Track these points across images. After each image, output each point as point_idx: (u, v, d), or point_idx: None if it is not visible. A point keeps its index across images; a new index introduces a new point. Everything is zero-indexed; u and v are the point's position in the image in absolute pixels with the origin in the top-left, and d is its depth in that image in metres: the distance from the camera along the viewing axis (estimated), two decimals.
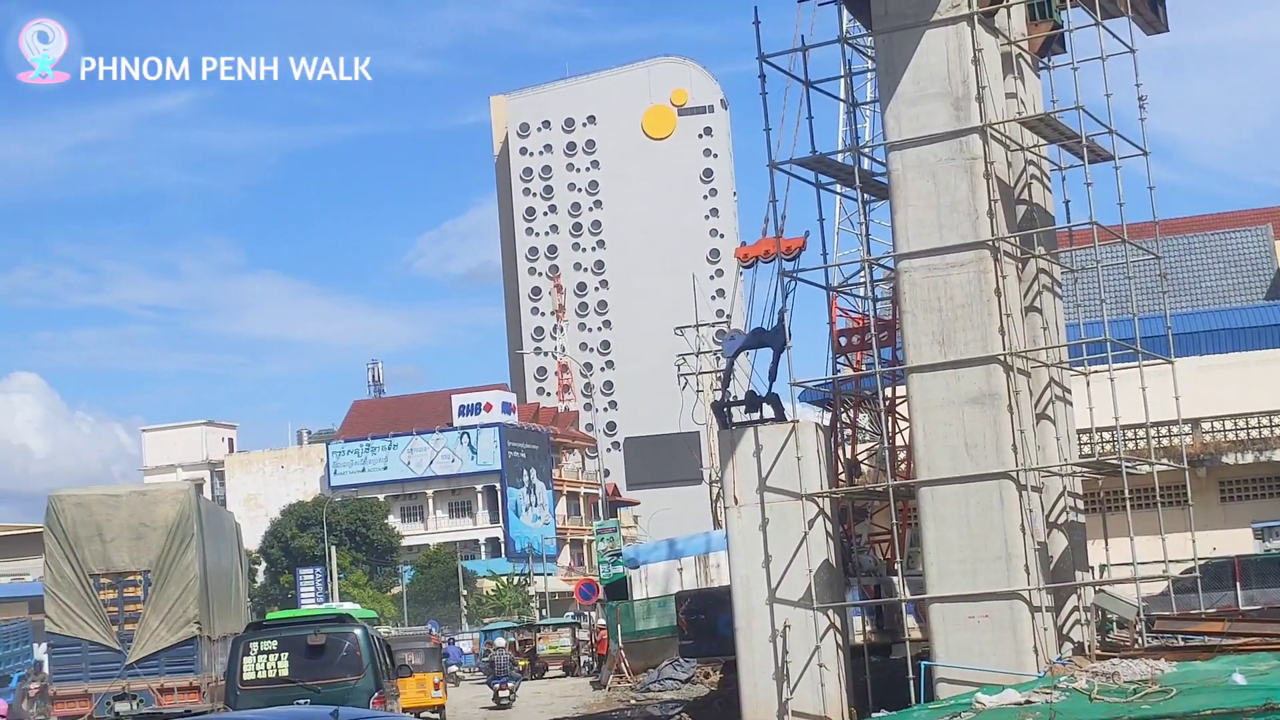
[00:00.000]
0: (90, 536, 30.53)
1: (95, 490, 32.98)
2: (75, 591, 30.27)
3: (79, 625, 30.21)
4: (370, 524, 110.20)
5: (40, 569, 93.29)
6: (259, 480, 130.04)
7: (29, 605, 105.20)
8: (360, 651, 23.04)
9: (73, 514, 30.72)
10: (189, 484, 37.58)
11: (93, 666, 29.87)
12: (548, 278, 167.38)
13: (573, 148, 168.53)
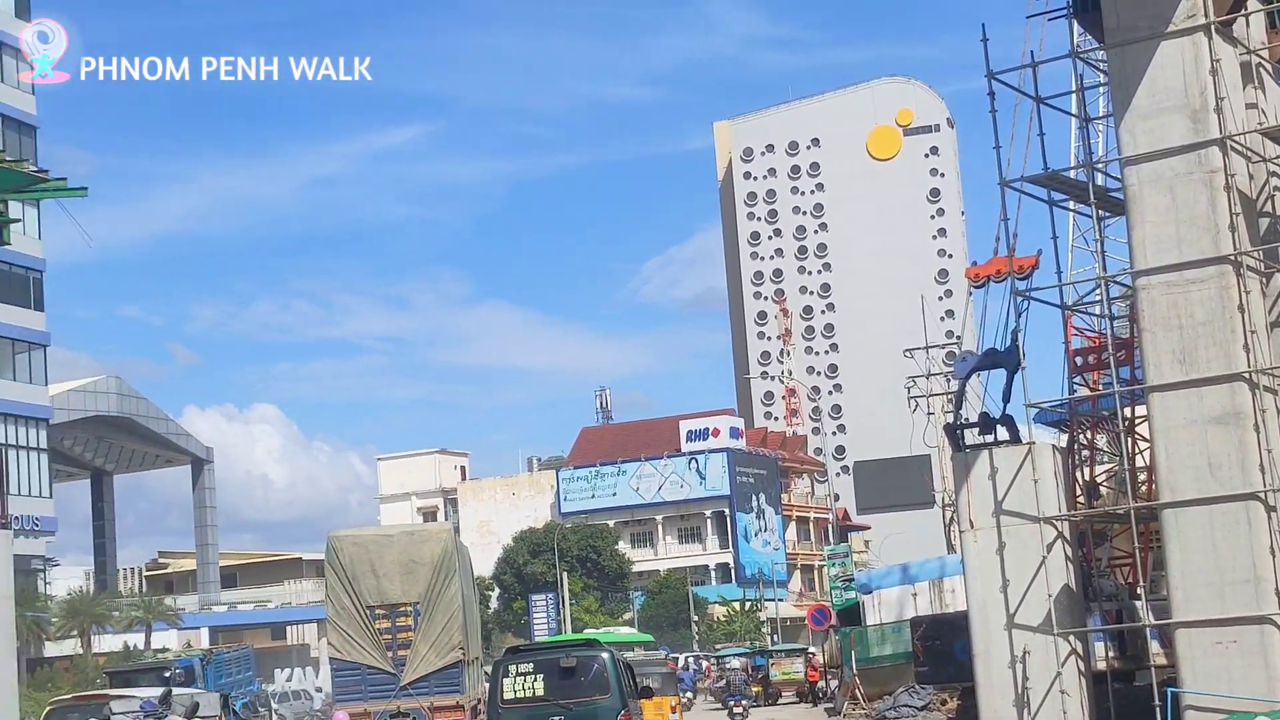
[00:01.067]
0: (366, 572, 33.58)
1: (369, 531, 37.47)
2: (354, 621, 33.28)
3: (358, 651, 33.18)
4: (601, 550, 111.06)
5: (283, 595, 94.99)
6: (491, 507, 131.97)
7: (271, 631, 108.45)
8: (607, 673, 24.66)
9: (350, 552, 33.77)
10: (449, 525, 43.36)
11: (371, 688, 32.82)
12: (773, 301, 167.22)
13: (797, 171, 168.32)
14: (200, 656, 51.26)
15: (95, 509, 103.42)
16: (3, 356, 74.09)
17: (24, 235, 65.63)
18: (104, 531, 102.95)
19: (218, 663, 50.77)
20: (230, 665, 51.96)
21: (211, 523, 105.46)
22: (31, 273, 75.23)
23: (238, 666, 52.71)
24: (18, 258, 70.30)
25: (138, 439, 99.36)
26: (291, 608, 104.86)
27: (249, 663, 54.90)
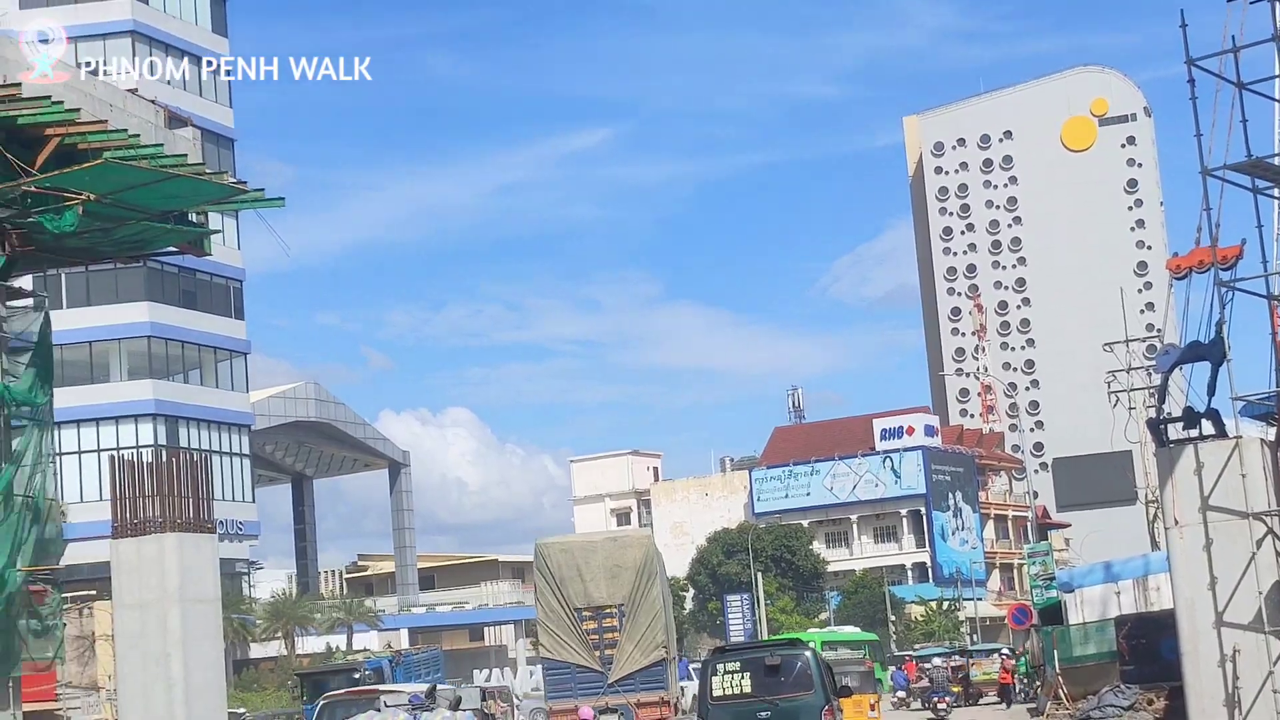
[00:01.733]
0: (573, 577, 35.77)
1: (575, 538, 40.22)
2: (563, 623, 35.52)
3: (567, 651, 35.45)
4: (795, 550, 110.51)
5: (480, 597, 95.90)
6: (684, 508, 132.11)
7: (469, 633, 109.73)
8: (810, 671, 25.80)
9: (558, 558, 36.08)
10: (649, 530, 44.58)
11: (580, 685, 34.99)
12: (967, 297, 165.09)
13: (989, 164, 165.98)
14: (389, 658, 51.48)
15: (296, 513, 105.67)
16: (206, 365, 75.96)
17: (224, 246, 67.25)
18: (305, 535, 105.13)
19: (407, 664, 50.78)
20: (419, 666, 52.14)
21: (409, 525, 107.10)
22: (231, 282, 77.06)
23: (426, 667, 52.91)
24: (219, 268, 72.03)
25: (336, 443, 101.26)
26: (489, 609, 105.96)
27: (438, 664, 55.27)
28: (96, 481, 62.71)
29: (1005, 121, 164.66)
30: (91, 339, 70.14)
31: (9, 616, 27.99)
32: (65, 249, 30.34)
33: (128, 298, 71.56)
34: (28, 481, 28.81)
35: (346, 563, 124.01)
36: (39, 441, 29.44)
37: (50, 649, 30.64)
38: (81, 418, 66.19)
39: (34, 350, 30.08)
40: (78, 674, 55.76)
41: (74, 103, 28.01)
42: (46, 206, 26.37)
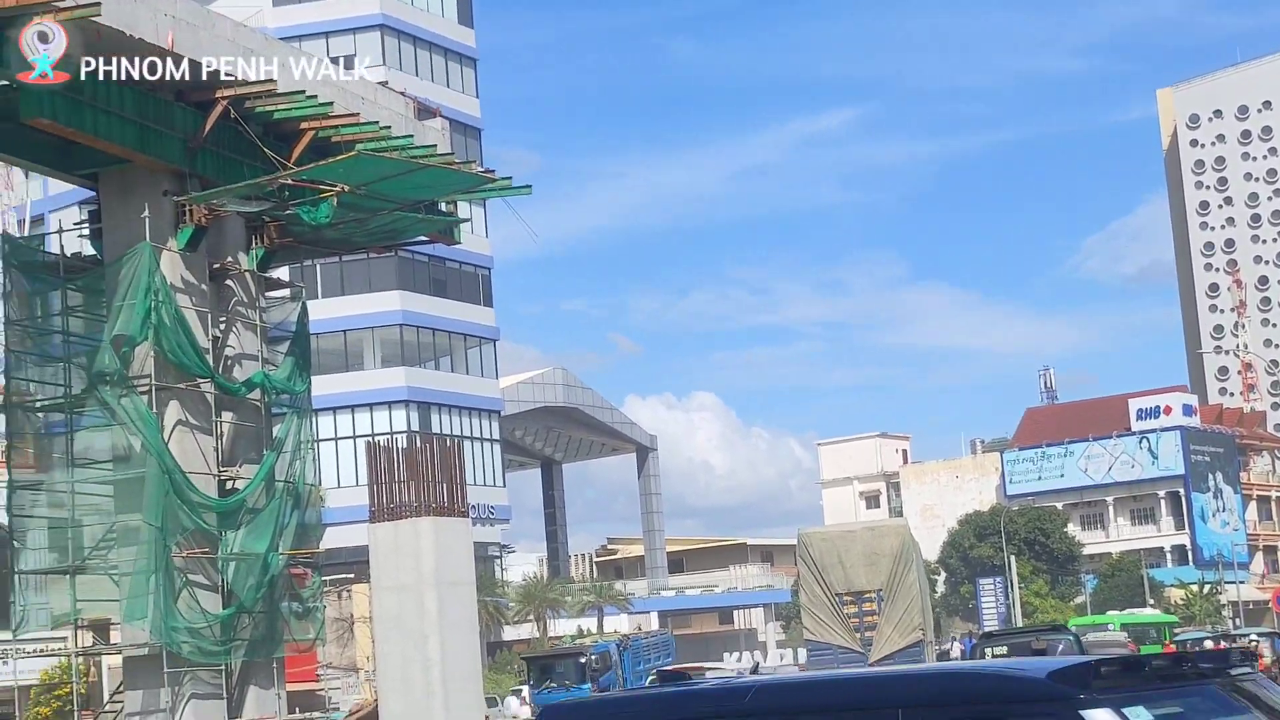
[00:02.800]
0: (834, 564, 38.14)
1: (835, 528, 44.07)
2: (825, 607, 37.89)
3: (830, 633, 37.87)
4: (1049, 532, 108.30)
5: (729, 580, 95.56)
6: (934, 491, 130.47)
7: (718, 616, 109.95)
8: (1072, 654, 26.50)
9: (819, 546, 38.67)
10: (904, 521, 48.85)
11: (842, 665, 35.59)
12: (1226, 272, 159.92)
13: (1247, 136, 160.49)
14: (616, 642, 51.39)
15: (546, 497, 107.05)
16: (457, 351, 77.33)
17: (472, 234, 68.25)
18: (555, 519, 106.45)
19: (635, 649, 50.75)
20: (648, 650, 51.99)
21: (657, 509, 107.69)
22: (480, 270, 78.30)
23: (656, 652, 52.76)
24: (468, 256, 73.22)
25: (584, 428, 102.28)
26: (738, 592, 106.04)
27: (669, 648, 54.95)
28: (353, 467, 64.31)
29: (1264, 91, 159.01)
30: (346, 328, 71.88)
31: (272, 599, 28.80)
32: (321, 240, 31.09)
33: (380, 287, 73.16)
34: (288, 467, 29.61)
35: (596, 546, 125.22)
36: (298, 428, 30.22)
37: (311, 630, 31.45)
38: (337, 405, 67.90)
39: (292, 339, 30.89)
40: (337, 655, 57.23)
41: (327, 97, 28.64)
42: (303, 199, 26.99)
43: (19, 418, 28.02)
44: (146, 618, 25.98)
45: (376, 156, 27.25)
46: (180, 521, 26.57)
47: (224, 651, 27.27)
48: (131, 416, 26.45)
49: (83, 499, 27.46)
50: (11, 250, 28.67)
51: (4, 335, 28.92)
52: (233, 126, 27.51)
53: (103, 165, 27.60)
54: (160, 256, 26.74)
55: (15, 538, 27.56)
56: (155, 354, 26.56)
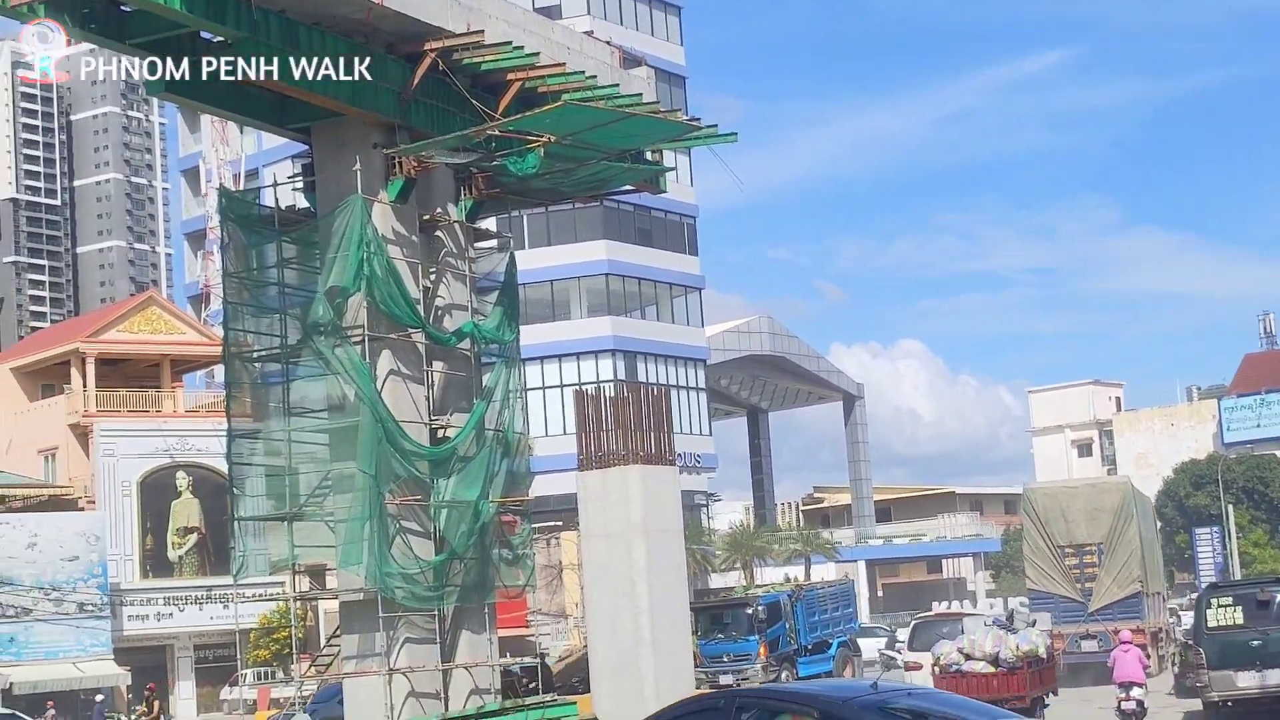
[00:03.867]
0: (1056, 518, 40.97)
1: (1058, 483, 49.24)
2: (1047, 558, 40.84)
3: (1051, 583, 40.81)
4: (1269, 481, 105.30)
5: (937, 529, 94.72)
6: (1148, 439, 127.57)
7: (926, 565, 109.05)
8: None
9: (1043, 502, 41.70)
10: (1127, 477, 51.52)
11: (1062, 614, 39.48)
12: None
13: None
14: (789, 593, 49.80)
15: (752, 445, 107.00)
16: (662, 300, 77.49)
17: (677, 183, 68.19)
18: (761, 467, 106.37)
19: (808, 599, 48.70)
20: (823, 601, 49.91)
21: (864, 458, 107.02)
22: (685, 219, 78.27)
23: (834, 602, 50.77)
24: (673, 205, 73.21)
25: (790, 377, 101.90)
26: (946, 541, 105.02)
27: (848, 597, 52.92)
28: (560, 416, 64.90)
29: None
30: (552, 278, 72.42)
31: (483, 546, 29.15)
32: (528, 191, 31.25)
33: (586, 236, 73.53)
34: (498, 416, 29.90)
35: (802, 495, 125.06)
36: (507, 378, 30.49)
37: (521, 577, 31.79)
38: (544, 354, 68.52)
39: (500, 290, 31.13)
40: (546, 601, 57.98)
41: (533, 47, 28.70)
42: (510, 150, 27.11)
43: (237, 368, 28.68)
44: (361, 563, 26.46)
45: (583, 106, 27.26)
46: (393, 469, 26.99)
47: (437, 597, 27.68)
48: (345, 366, 26.91)
49: (299, 447, 28.02)
50: (229, 204, 29.31)
51: (223, 287, 29.59)
52: (441, 78, 27.73)
53: (315, 119, 28.03)
54: (372, 208, 27.11)
55: (235, 485, 28.25)
56: (368, 305, 26.96)
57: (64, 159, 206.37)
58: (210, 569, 64.05)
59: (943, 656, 29.59)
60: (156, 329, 69.90)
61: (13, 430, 69.11)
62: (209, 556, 64.47)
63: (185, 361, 72.63)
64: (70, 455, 66.03)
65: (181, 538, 64.99)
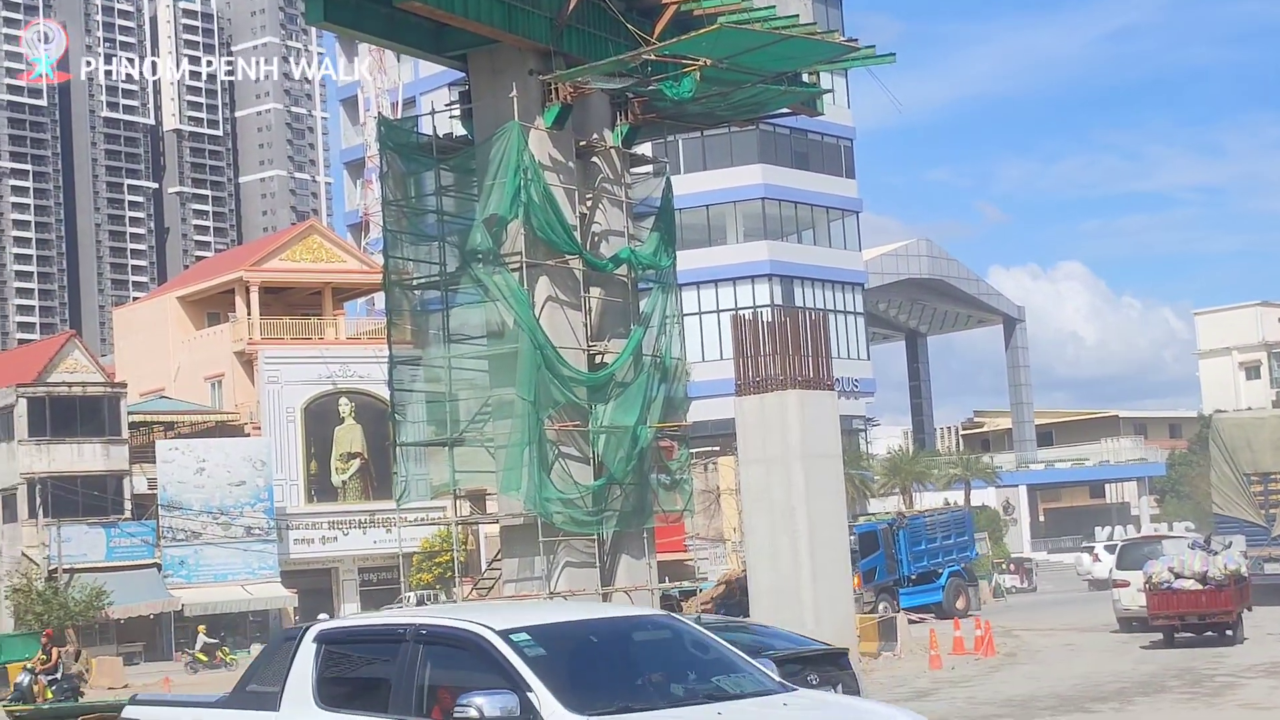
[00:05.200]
0: (1242, 446, 42.70)
1: (1246, 413, 52.83)
2: (1233, 485, 42.36)
3: (1236, 508, 42.29)
4: None
5: (1100, 454, 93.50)
6: None
7: (1089, 490, 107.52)
8: None
9: (1230, 431, 43.73)
10: None
11: (1247, 537, 40.03)
12: None
13: None
14: (890, 521, 48.40)
15: (910, 370, 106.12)
16: (819, 224, 76.92)
17: (834, 105, 67.30)
18: (919, 392, 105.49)
19: (912, 528, 47.90)
20: (934, 530, 49.00)
21: (1025, 382, 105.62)
22: (842, 141, 77.47)
23: (945, 531, 49.70)
24: (829, 127, 72.45)
25: (949, 300, 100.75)
26: (1109, 466, 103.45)
27: (962, 526, 51.68)
28: (717, 341, 64.81)
29: None
30: (708, 203, 72.15)
31: (641, 471, 29.23)
32: (684, 115, 31.05)
33: (742, 161, 73.11)
34: (655, 342, 29.89)
35: (962, 419, 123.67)
36: (664, 303, 30.44)
37: (679, 502, 31.86)
38: (701, 280, 68.37)
39: (657, 215, 31.04)
40: (704, 526, 58.13)
41: None
42: (666, 74, 26.94)
43: (397, 295, 28.96)
44: (521, 488, 26.67)
45: (739, 29, 26.96)
46: (552, 395, 27.12)
47: (596, 522, 27.83)
48: (504, 293, 27.03)
49: (458, 374, 28.27)
50: (387, 132, 29.50)
51: (382, 215, 29.85)
52: (596, 3, 27.61)
53: (471, 46, 28.08)
54: (528, 135, 27.12)
55: (396, 411, 28.60)
56: (525, 231, 27.02)
57: (225, 90, 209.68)
58: (373, 494, 65.07)
59: (1154, 575, 30.88)
60: (318, 257, 70.87)
61: (180, 357, 70.64)
62: (371, 481, 65.50)
63: (346, 289, 73.60)
64: (236, 382, 67.35)
65: (345, 463, 66.06)
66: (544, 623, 9.92)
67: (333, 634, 10.59)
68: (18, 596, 56.20)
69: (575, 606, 14.84)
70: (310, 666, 10.27)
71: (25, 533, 59.28)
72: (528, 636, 9.38)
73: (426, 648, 9.66)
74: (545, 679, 8.96)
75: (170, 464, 60.77)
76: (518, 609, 13.10)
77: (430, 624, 9.98)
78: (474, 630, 9.51)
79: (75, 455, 59.93)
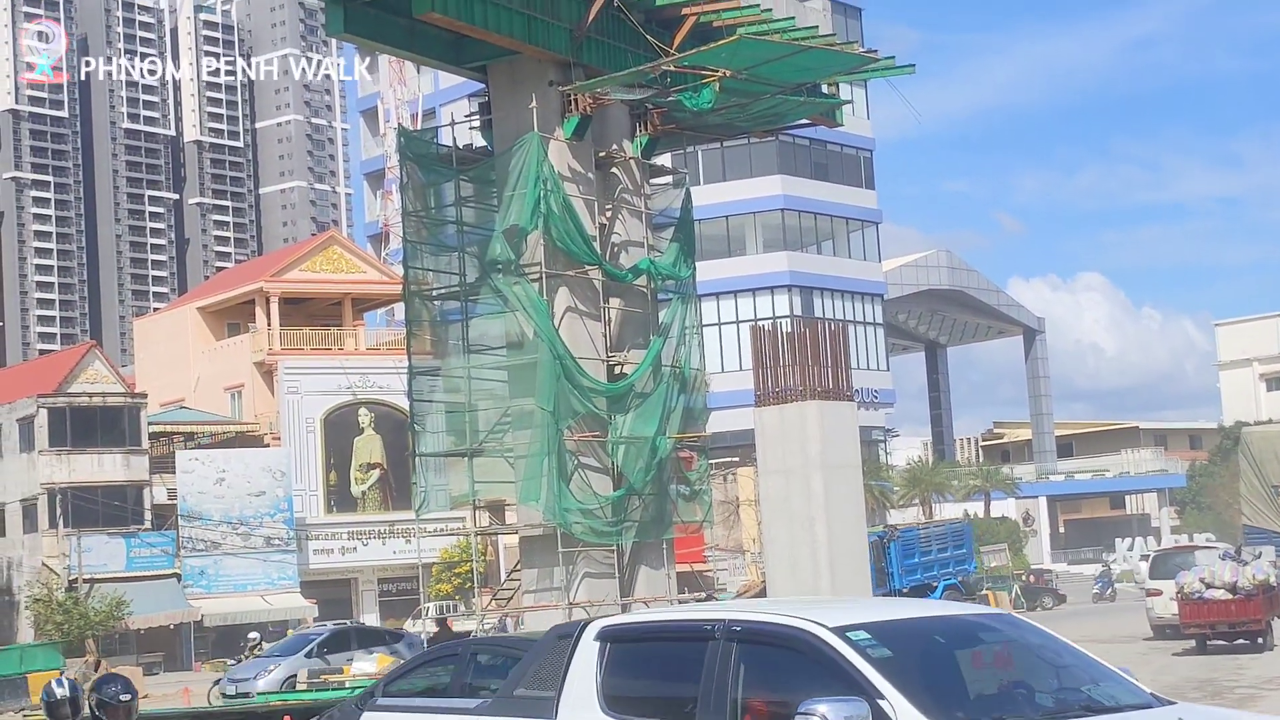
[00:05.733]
0: (1270, 458, 43.12)
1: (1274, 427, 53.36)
2: (1261, 496, 42.75)
3: (1263, 518, 42.77)
4: None
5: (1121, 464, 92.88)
6: None
7: (1109, 501, 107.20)
8: None
9: (1258, 444, 44.18)
10: None
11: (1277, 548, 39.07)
12: None
13: None
14: (880, 534, 46.87)
15: (930, 380, 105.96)
16: (838, 235, 76.83)
17: (853, 116, 67.35)
18: (939, 402, 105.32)
19: (905, 540, 46.88)
20: (925, 543, 48.06)
21: (1045, 392, 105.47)
22: (861, 152, 77.40)
23: (942, 543, 48.82)
24: (849, 138, 72.39)
25: (969, 311, 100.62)
26: (1130, 477, 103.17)
27: (962, 539, 50.63)
28: (736, 352, 64.76)
29: None
30: (728, 213, 72.11)
31: (661, 481, 29.22)
32: (703, 126, 31.07)
33: (761, 171, 73.07)
34: (674, 352, 29.90)
35: (982, 430, 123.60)
36: (683, 314, 30.45)
37: (699, 513, 31.85)
38: (720, 290, 68.30)
39: (676, 225, 31.06)
40: (724, 537, 58.12)
41: None
42: (685, 85, 26.97)
43: (417, 305, 28.99)
44: (540, 499, 26.68)
45: (758, 40, 26.98)
46: (571, 405, 27.13)
47: (615, 532, 27.83)
48: (524, 303, 27.06)
49: (478, 384, 28.30)
50: (407, 143, 29.57)
51: (402, 226, 29.91)
52: (615, 14, 27.64)
53: (491, 57, 28.14)
54: (548, 146, 27.15)
55: (416, 421, 28.62)
56: (545, 242, 27.05)
57: (245, 101, 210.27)
58: (392, 504, 65.15)
59: (1185, 585, 31.63)
60: (338, 268, 71.02)
61: (200, 368, 70.82)
62: (391, 492, 65.57)
63: (366, 300, 73.74)
64: (255, 392, 67.50)
65: (364, 473, 66.17)
66: (883, 619, 8.73)
67: (619, 631, 9.43)
68: (38, 607, 56.34)
69: (898, 604, 13.00)
70: (593, 669, 9.16)
71: (46, 543, 59.45)
72: (868, 635, 8.18)
73: (741, 647, 8.47)
74: (899, 684, 7.77)
75: (190, 474, 60.92)
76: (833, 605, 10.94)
77: (746, 620, 8.75)
78: (803, 627, 8.28)
79: (96, 465, 60.09)
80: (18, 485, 60.83)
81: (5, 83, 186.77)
